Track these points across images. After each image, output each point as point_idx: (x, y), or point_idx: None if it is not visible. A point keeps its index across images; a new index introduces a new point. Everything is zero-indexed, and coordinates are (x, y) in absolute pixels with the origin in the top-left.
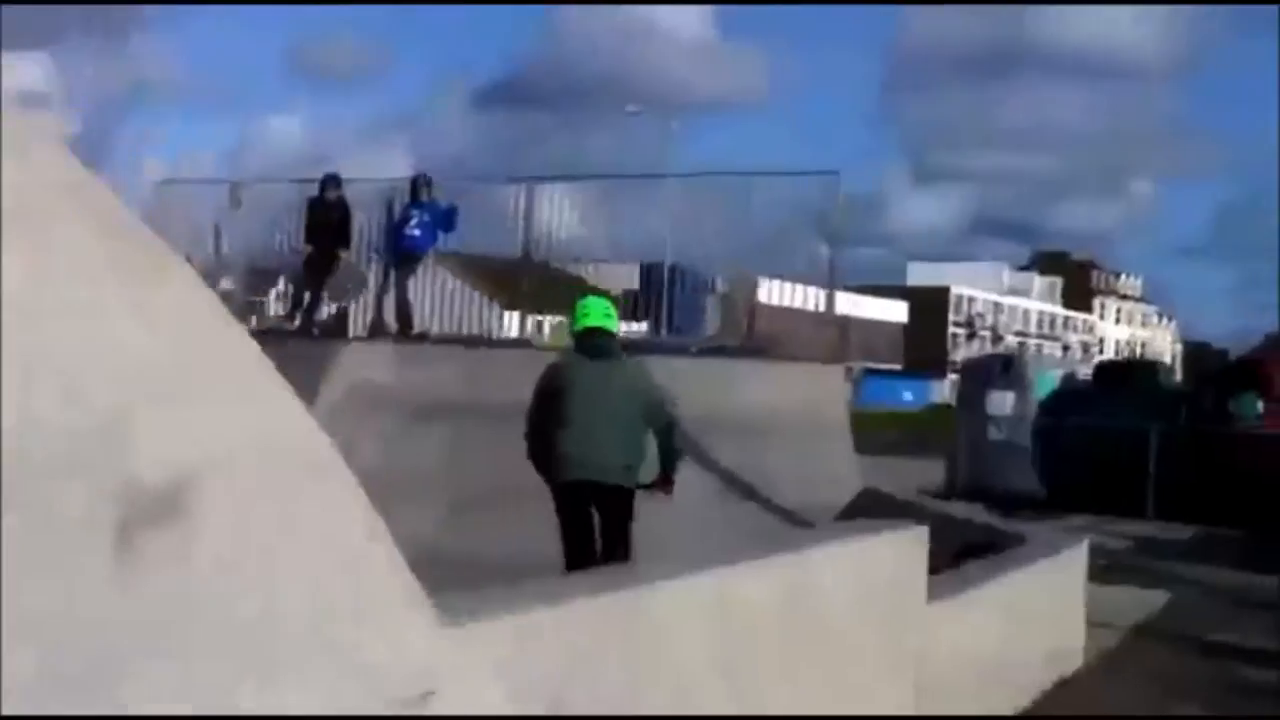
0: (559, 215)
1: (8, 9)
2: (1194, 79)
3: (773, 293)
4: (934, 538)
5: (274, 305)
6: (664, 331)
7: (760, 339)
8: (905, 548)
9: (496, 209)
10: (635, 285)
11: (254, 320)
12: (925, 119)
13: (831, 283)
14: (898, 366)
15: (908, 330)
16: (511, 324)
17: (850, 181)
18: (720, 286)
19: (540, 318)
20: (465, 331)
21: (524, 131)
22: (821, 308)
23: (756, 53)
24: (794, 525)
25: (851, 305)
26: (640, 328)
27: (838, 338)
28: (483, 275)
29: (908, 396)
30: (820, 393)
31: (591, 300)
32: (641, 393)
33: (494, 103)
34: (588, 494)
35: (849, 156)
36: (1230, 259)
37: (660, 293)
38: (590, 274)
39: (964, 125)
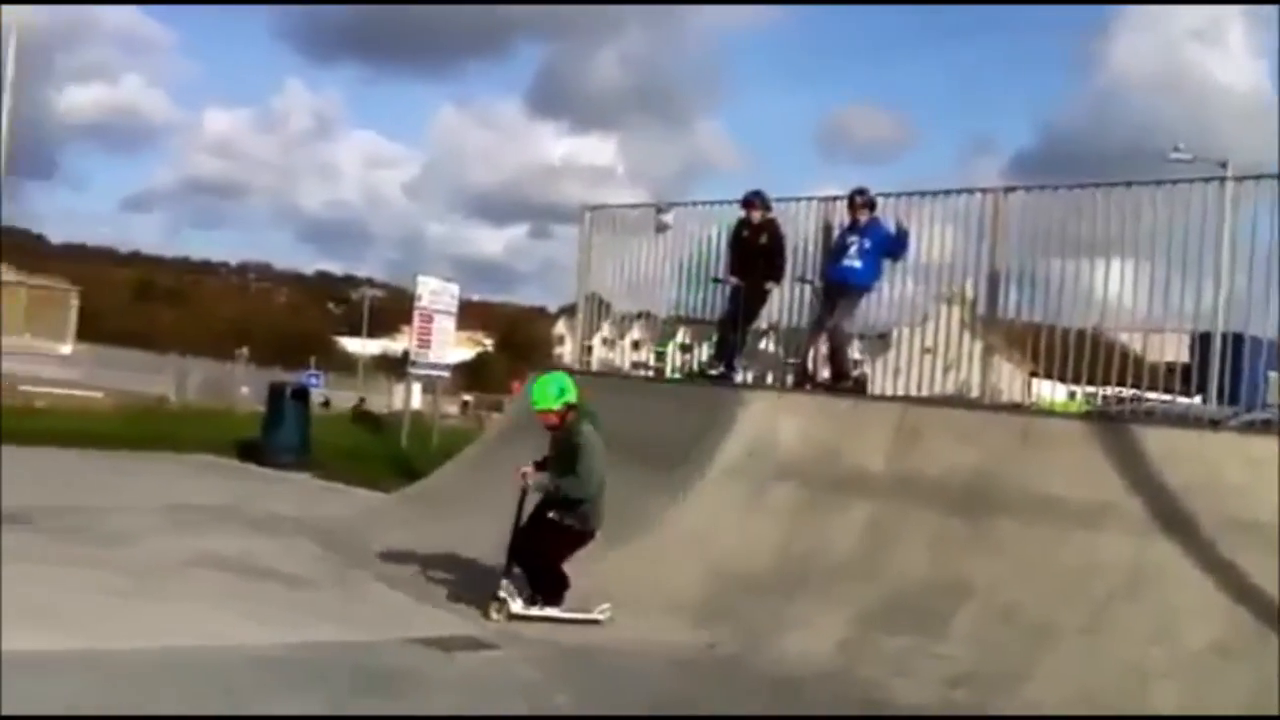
0: (1109, 284)
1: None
2: None
3: None
4: None
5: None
6: (1214, 405)
7: None
8: None
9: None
10: (1185, 356)
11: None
12: None
13: None
14: None
15: None
16: (1036, 391)
17: None
18: None
19: (1074, 386)
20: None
21: (1061, 200)
22: None
23: None
24: None
25: None
26: (1193, 401)
27: None
28: (1013, 340)
29: None
30: None
31: (534, 389)
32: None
33: (1028, 173)
34: None
35: None
36: None
37: (1216, 363)
38: (1136, 344)
39: None
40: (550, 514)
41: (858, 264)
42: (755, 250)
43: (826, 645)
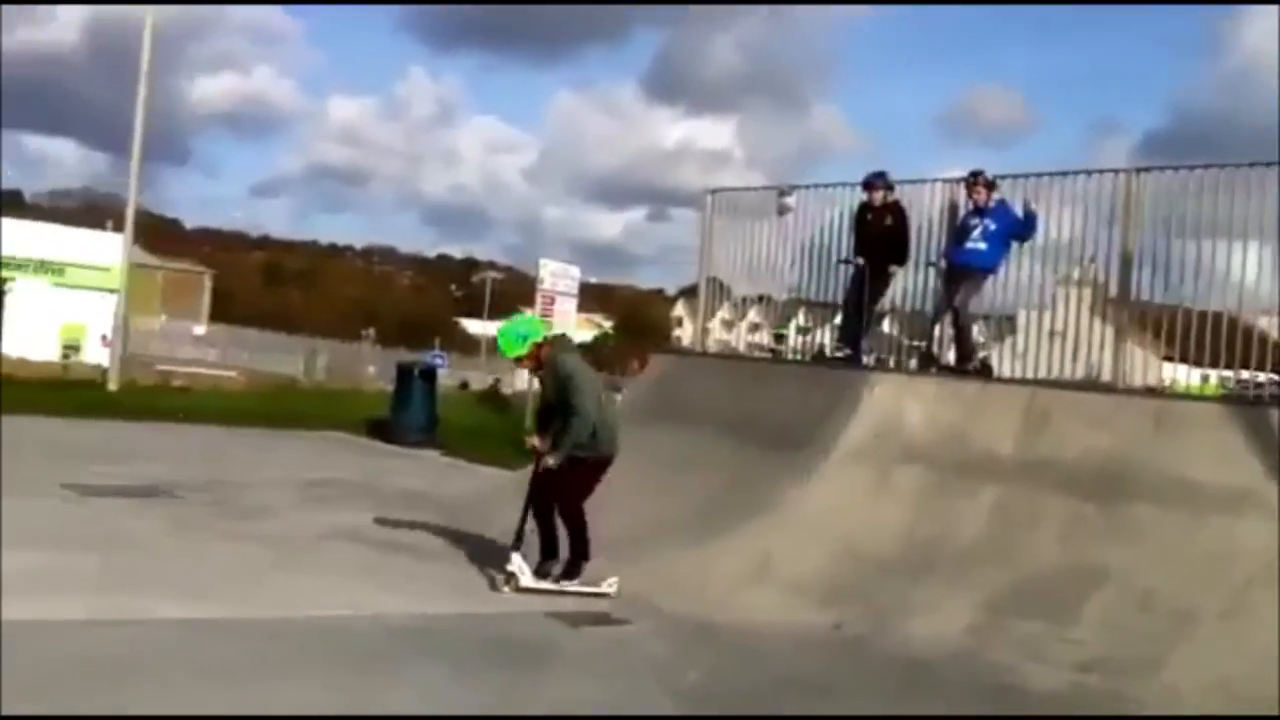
0: (1245, 266)
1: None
2: None
3: None
4: None
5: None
6: None
7: None
8: None
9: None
10: None
11: (796, 347)
12: None
13: None
14: None
15: None
16: (1171, 375)
17: None
18: None
19: (1207, 370)
20: (1083, 376)
21: (1195, 180)
22: None
23: None
24: None
25: None
26: None
27: None
28: (1144, 323)
29: None
30: None
31: (499, 341)
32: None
33: (1158, 153)
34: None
35: None
36: None
37: None
38: (1274, 328)
39: None
40: None
41: (982, 246)
42: (879, 232)
43: (954, 629)
